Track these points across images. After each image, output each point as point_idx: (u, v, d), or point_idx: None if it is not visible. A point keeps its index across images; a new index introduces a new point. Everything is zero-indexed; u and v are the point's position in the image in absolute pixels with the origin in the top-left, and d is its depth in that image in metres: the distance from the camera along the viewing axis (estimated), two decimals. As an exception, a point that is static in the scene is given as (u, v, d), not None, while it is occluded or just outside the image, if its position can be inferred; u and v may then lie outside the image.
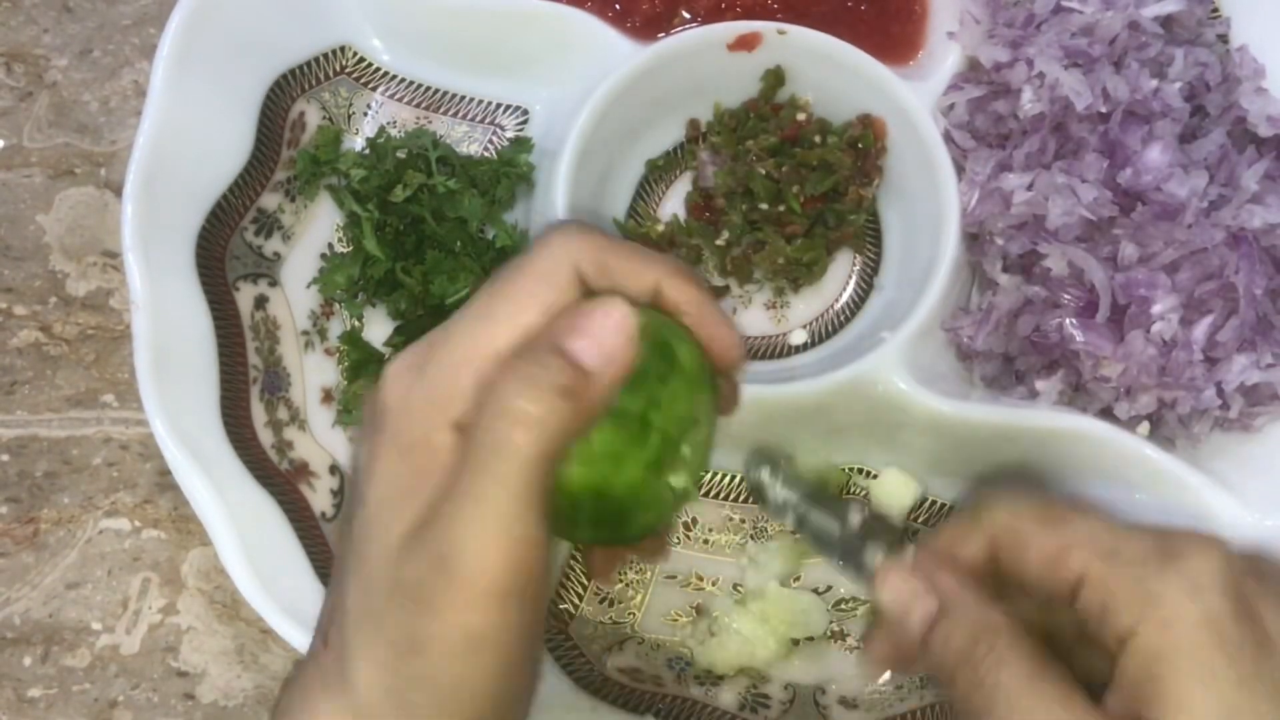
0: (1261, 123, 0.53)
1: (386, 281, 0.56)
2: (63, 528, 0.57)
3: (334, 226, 0.58)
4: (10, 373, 0.59)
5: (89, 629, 0.56)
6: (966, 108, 0.56)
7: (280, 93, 0.56)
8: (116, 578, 0.57)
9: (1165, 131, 0.52)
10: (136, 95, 0.63)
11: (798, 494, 0.42)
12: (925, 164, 0.55)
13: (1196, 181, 0.50)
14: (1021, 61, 0.53)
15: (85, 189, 0.62)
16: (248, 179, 0.55)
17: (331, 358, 0.57)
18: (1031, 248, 0.53)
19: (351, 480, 0.36)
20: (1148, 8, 0.54)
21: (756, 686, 0.54)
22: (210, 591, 0.56)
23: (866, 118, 0.57)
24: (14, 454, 0.58)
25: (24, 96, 0.63)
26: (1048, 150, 0.53)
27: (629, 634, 0.55)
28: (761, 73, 0.58)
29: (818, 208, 0.57)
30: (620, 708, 0.52)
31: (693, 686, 0.54)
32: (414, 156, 0.57)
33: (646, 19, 0.58)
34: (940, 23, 0.58)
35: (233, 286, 0.54)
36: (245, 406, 0.53)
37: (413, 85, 0.60)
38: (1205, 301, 0.51)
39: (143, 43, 0.64)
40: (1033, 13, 0.55)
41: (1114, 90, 0.52)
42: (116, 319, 0.60)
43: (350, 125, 0.59)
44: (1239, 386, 0.51)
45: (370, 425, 0.35)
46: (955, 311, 0.55)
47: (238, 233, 0.55)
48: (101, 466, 0.58)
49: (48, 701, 0.55)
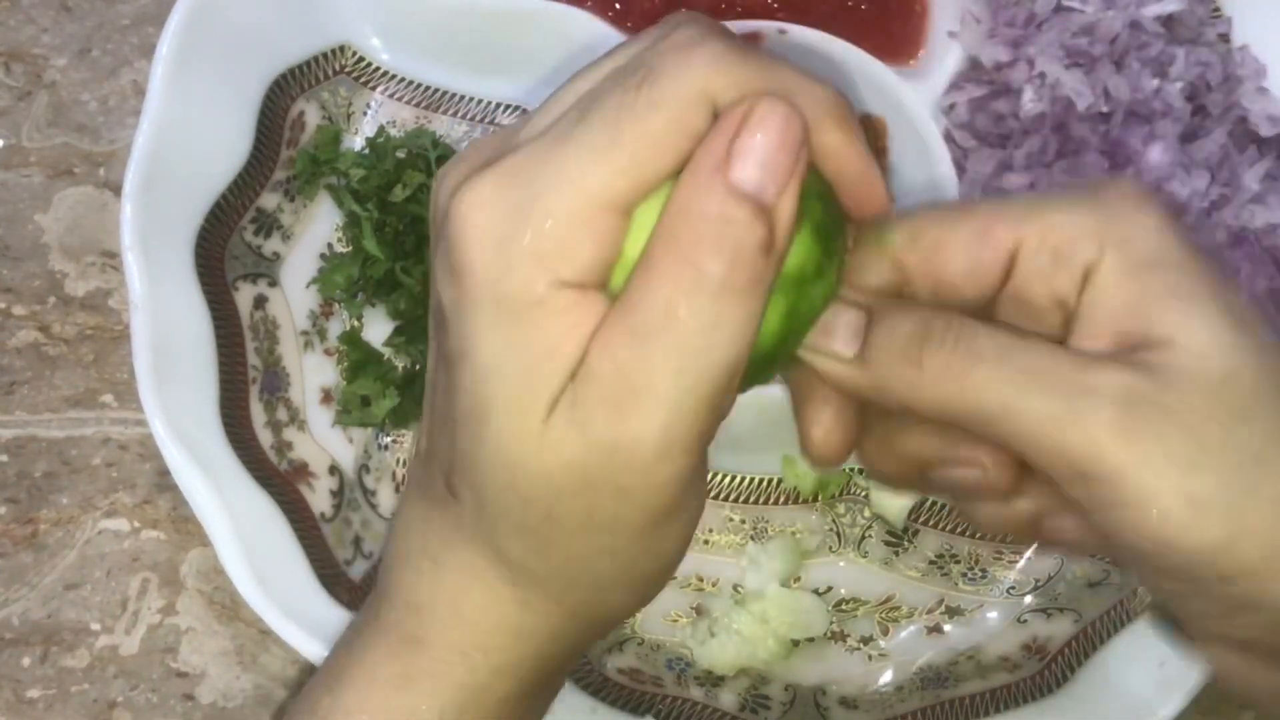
0: (1263, 122, 0.53)
1: (386, 281, 0.56)
2: (61, 528, 0.57)
3: (334, 226, 0.58)
4: (9, 373, 0.59)
5: (88, 629, 0.56)
6: (967, 107, 0.56)
7: (279, 92, 0.56)
8: (115, 578, 0.57)
9: (1166, 131, 0.52)
10: (136, 95, 0.63)
11: None
12: (926, 164, 0.55)
13: (1198, 181, 0.50)
14: (1022, 61, 0.53)
15: (84, 189, 0.62)
16: (247, 179, 0.55)
17: (331, 358, 0.57)
18: (1032, 248, 0.53)
19: (437, 318, 0.31)
20: (1149, 7, 0.54)
21: (756, 687, 0.54)
22: (210, 592, 0.56)
23: (867, 117, 0.57)
24: (13, 454, 0.58)
25: (22, 96, 0.63)
26: (1049, 150, 0.53)
27: (629, 634, 0.55)
28: (762, 72, 0.58)
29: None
30: (620, 708, 0.52)
31: (693, 687, 0.53)
32: (414, 156, 0.57)
33: (646, 19, 0.58)
34: (941, 22, 0.58)
35: (232, 286, 0.54)
36: (245, 407, 0.53)
37: (412, 85, 0.60)
38: (1206, 302, 0.51)
39: (142, 42, 0.64)
40: (1034, 12, 0.55)
41: (1115, 90, 0.52)
42: (116, 319, 0.60)
43: (350, 125, 0.59)
44: (1240, 387, 0.51)
45: (448, 268, 0.29)
46: (956, 311, 0.55)
47: (237, 232, 0.55)
48: (100, 467, 0.58)
49: (46, 702, 0.55)
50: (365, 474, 0.56)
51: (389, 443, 0.57)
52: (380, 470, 0.56)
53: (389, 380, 0.55)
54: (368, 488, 0.55)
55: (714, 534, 0.57)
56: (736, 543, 0.57)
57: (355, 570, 0.52)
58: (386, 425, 0.56)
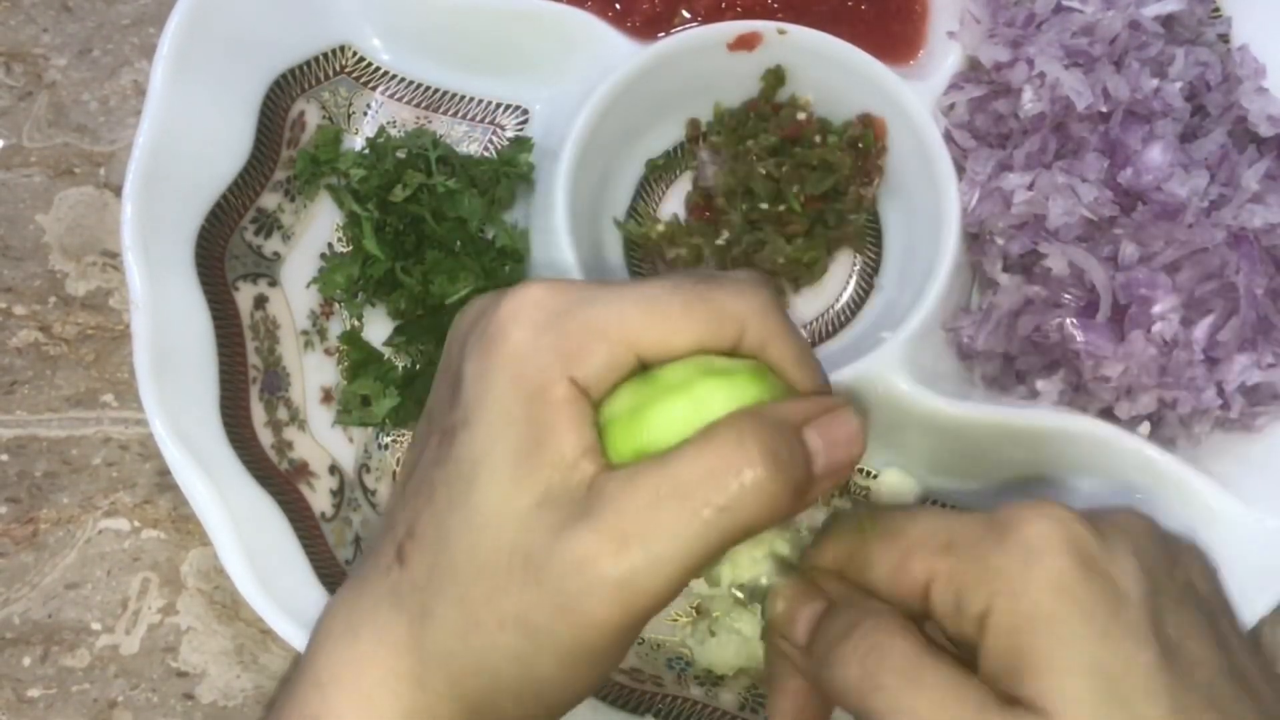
0: (1262, 122, 0.53)
1: (386, 281, 0.56)
2: (62, 528, 0.57)
3: (334, 226, 0.58)
4: (10, 372, 0.59)
5: (88, 629, 0.56)
6: (967, 107, 0.56)
7: (280, 92, 0.56)
8: (116, 578, 0.57)
9: (1166, 131, 0.52)
10: (136, 95, 0.63)
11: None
12: (926, 164, 0.55)
13: (1197, 181, 0.50)
14: (1022, 61, 0.53)
15: (85, 189, 0.62)
16: (247, 179, 0.55)
17: (331, 358, 0.57)
18: (1032, 247, 0.53)
19: (449, 381, 0.36)
20: (1148, 7, 0.54)
21: (756, 687, 0.54)
22: (210, 592, 0.56)
23: (867, 117, 0.57)
24: (13, 454, 0.58)
25: (23, 96, 0.63)
26: (1048, 150, 0.53)
27: (629, 634, 0.55)
28: (761, 72, 0.58)
29: (818, 207, 0.57)
30: (620, 708, 0.52)
31: (693, 686, 0.54)
32: (414, 156, 0.57)
33: (646, 19, 0.58)
34: (940, 22, 0.58)
35: (232, 286, 0.54)
36: (245, 406, 0.53)
37: (413, 85, 0.60)
38: (1206, 301, 0.51)
39: (142, 42, 0.64)
40: (1033, 12, 0.55)
41: (1114, 90, 0.52)
42: (116, 319, 0.60)
43: (350, 125, 0.59)
44: (1240, 386, 0.51)
45: (483, 342, 0.34)
46: (956, 311, 0.55)
47: (237, 232, 0.55)
48: (101, 466, 0.58)
49: (47, 701, 0.55)
50: (365, 473, 0.56)
51: (389, 442, 0.57)
52: (380, 470, 0.56)
53: (389, 380, 0.55)
54: (368, 487, 0.56)
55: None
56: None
57: (355, 570, 0.52)
58: (386, 425, 0.56)
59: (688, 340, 0.33)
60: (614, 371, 0.33)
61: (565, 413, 0.32)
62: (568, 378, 0.32)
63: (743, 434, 0.32)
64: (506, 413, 0.32)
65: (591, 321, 0.33)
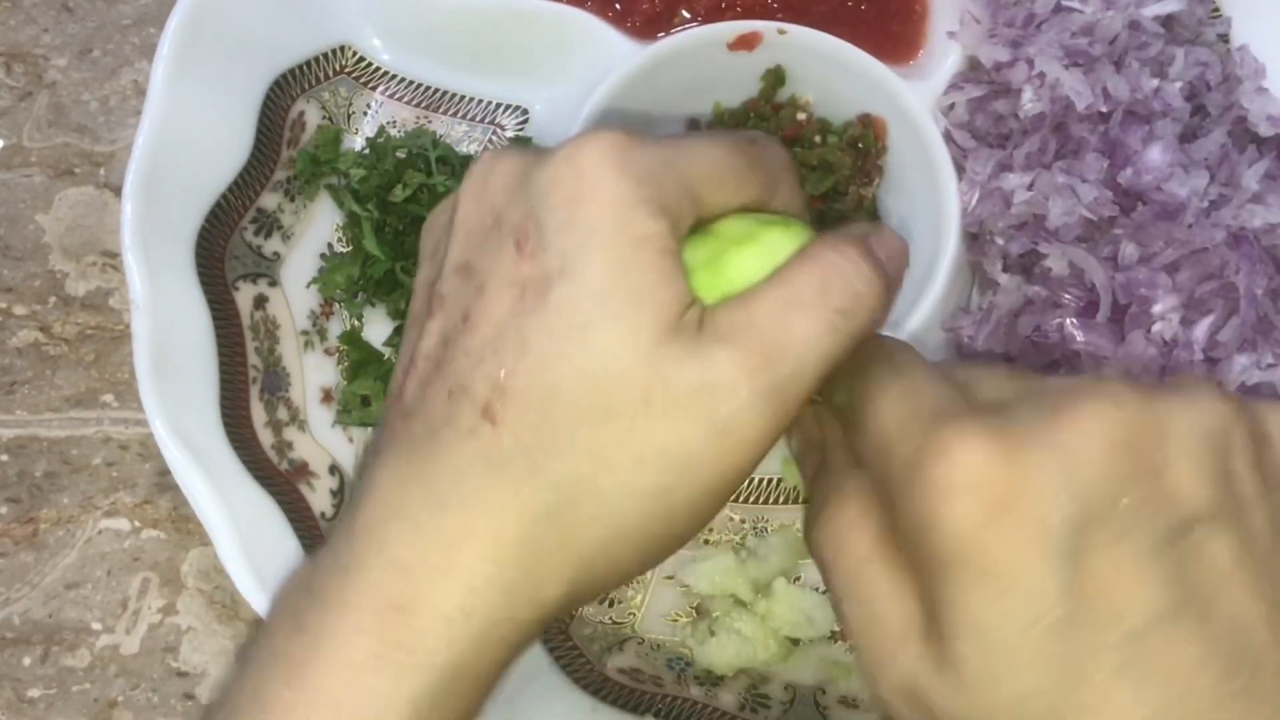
0: (1262, 122, 0.53)
1: (386, 281, 0.56)
2: (62, 528, 0.57)
3: (334, 226, 0.58)
4: (10, 373, 0.59)
5: (89, 629, 0.56)
6: (967, 107, 0.56)
7: (280, 92, 0.56)
8: (116, 578, 0.57)
9: (1166, 131, 0.52)
10: (136, 95, 0.63)
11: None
12: (925, 164, 0.55)
13: (1197, 181, 0.50)
14: (1022, 61, 0.53)
15: (85, 189, 0.62)
16: (247, 179, 0.55)
17: (331, 358, 0.57)
18: (1032, 247, 0.53)
19: (521, 239, 0.34)
20: (1148, 7, 0.54)
21: (756, 687, 0.54)
22: (210, 591, 0.56)
23: (866, 117, 0.57)
24: (13, 454, 0.58)
25: (23, 96, 0.63)
26: (1048, 150, 0.53)
27: (629, 634, 0.55)
28: (761, 72, 0.58)
29: (818, 208, 0.57)
30: (620, 708, 0.52)
31: (693, 687, 0.54)
32: (414, 156, 0.57)
33: (646, 19, 0.58)
34: (940, 22, 0.58)
35: (232, 286, 0.54)
36: (245, 406, 0.53)
37: (413, 85, 0.60)
38: (1206, 301, 0.51)
39: (142, 42, 0.64)
40: (1033, 12, 0.55)
41: (1114, 90, 0.52)
42: (116, 319, 0.60)
43: (350, 125, 0.59)
44: (1240, 386, 0.51)
45: (569, 191, 0.33)
46: (955, 311, 0.55)
47: (237, 232, 0.55)
48: (101, 466, 0.58)
49: (47, 701, 0.55)
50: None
51: (389, 442, 0.57)
52: (380, 470, 0.56)
53: (389, 380, 0.55)
54: (368, 487, 0.55)
55: (714, 533, 0.57)
56: (736, 542, 0.57)
57: (355, 570, 0.52)
58: (387, 425, 0.56)
59: (744, 199, 0.36)
60: (688, 226, 0.35)
61: (670, 261, 0.33)
62: (671, 229, 0.33)
63: (839, 249, 0.34)
64: (617, 260, 0.32)
65: (683, 178, 0.34)
